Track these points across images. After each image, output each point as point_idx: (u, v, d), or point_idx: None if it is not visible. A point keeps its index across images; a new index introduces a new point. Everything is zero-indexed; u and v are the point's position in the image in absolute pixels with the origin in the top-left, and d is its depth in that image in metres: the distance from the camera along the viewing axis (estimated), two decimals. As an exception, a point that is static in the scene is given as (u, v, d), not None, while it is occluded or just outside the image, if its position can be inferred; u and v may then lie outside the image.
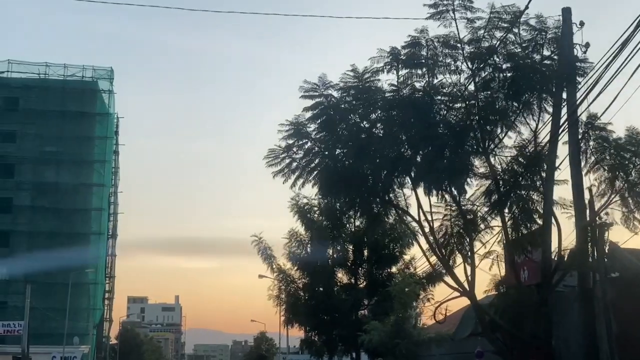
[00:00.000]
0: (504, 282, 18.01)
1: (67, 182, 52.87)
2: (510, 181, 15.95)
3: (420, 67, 15.78)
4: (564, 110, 15.60)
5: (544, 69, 15.49)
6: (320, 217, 30.51)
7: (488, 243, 17.09)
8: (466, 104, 16.03)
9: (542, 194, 15.90)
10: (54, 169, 53.38)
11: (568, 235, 15.72)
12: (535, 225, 16.02)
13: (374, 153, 15.96)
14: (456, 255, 17.03)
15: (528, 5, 14.95)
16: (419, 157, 16.15)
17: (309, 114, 16.54)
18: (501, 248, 17.12)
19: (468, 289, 16.57)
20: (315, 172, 16.79)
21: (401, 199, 18.23)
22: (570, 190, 15.40)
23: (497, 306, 17.29)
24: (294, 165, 16.91)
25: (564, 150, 15.64)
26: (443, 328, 22.10)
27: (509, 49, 15.56)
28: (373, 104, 16.11)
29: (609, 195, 15.74)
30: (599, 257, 14.76)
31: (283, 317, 34.52)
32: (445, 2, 15.31)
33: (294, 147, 16.85)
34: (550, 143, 15.83)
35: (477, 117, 15.87)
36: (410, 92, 15.93)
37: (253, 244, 30.83)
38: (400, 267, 29.56)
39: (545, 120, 15.89)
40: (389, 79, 16.03)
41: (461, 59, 15.69)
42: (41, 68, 55.56)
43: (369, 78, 16.08)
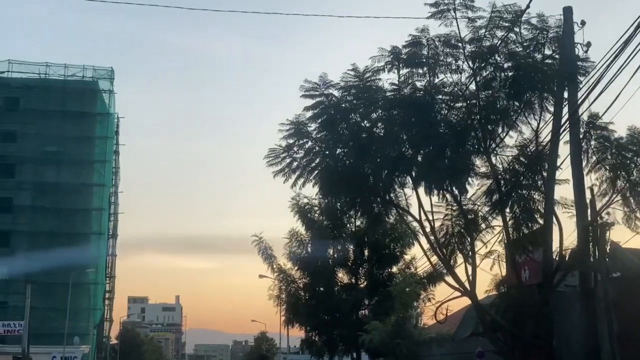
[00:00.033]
0: (505, 282, 17.98)
1: (68, 182, 52.84)
2: (512, 181, 15.91)
3: (421, 67, 15.74)
4: (566, 109, 15.56)
5: (545, 68, 15.45)
6: (321, 217, 30.49)
7: (489, 243, 17.09)
8: (467, 103, 15.99)
9: (544, 194, 15.86)
10: (54, 169, 53.35)
11: (569, 235, 15.71)
12: (536, 224, 15.99)
13: (374, 152, 15.93)
14: (457, 255, 17.01)
15: (529, 5, 14.94)
16: (420, 157, 16.11)
17: (310, 113, 16.51)
18: (502, 248, 17.11)
19: (469, 288, 16.54)
20: (315, 172, 16.76)
21: (402, 199, 18.21)
22: (572, 189, 15.38)
23: (498, 306, 17.27)
24: (295, 164, 16.88)
25: (565, 149, 15.62)
26: (444, 328, 22.06)
27: (510, 48, 15.52)
28: (374, 103, 16.08)
29: (610, 195, 15.71)
30: (600, 257, 14.73)
31: (283, 317, 34.51)
32: (446, 2, 15.28)
33: (294, 147, 16.83)
34: (551, 142, 15.79)
35: (478, 117, 15.83)
36: (411, 92, 15.89)
37: (253, 244, 30.82)
38: (401, 267, 29.53)
39: (547, 120, 15.87)
40: (389, 78, 16.03)
41: (462, 58, 15.66)
42: (41, 68, 55.59)
43: (370, 77, 16.04)
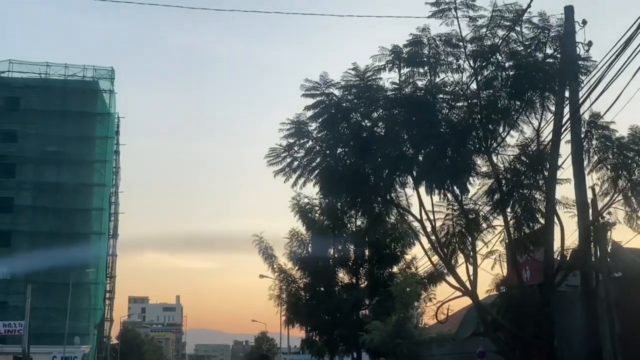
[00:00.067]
0: (505, 282, 17.95)
1: (68, 182, 52.80)
2: (513, 180, 15.88)
3: (422, 66, 15.70)
4: (567, 108, 15.52)
5: (546, 67, 15.40)
6: (322, 217, 30.45)
7: (490, 242, 17.06)
8: (468, 102, 15.95)
9: (545, 193, 15.82)
10: (54, 168, 53.29)
11: (571, 234, 15.67)
12: (537, 224, 15.95)
13: (375, 152, 15.88)
14: (458, 254, 16.99)
15: (530, 4, 14.89)
16: (421, 156, 16.06)
17: (310, 112, 16.48)
18: (503, 247, 17.07)
19: (470, 288, 16.50)
20: (316, 171, 16.72)
21: (403, 199, 18.18)
22: (573, 189, 15.33)
23: (499, 306, 17.25)
24: (295, 164, 16.85)
25: (566, 149, 15.58)
26: (445, 328, 22.02)
27: (511, 47, 15.48)
28: (375, 102, 16.03)
29: (611, 195, 15.66)
30: (602, 257, 14.69)
31: (284, 317, 34.48)
32: (447, 1, 15.23)
33: (295, 146, 16.80)
34: (552, 142, 15.76)
35: (480, 116, 15.78)
36: (412, 91, 15.85)
37: (254, 244, 30.78)
38: (402, 267, 29.47)
39: (548, 119, 15.83)
40: (390, 77, 16.00)
41: (463, 57, 15.62)
42: (42, 68, 55.49)
43: (371, 76, 16.01)
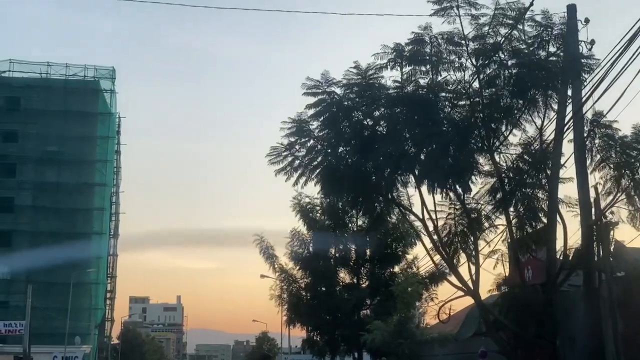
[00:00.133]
0: (508, 282, 17.88)
1: (69, 182, 52.75)
2: (515, 179, 15.81)
3: (424, 64, 15.64)
4: (570, 107, 15.46)
5: (549, 66, 15.34)
6: (323, 217, 30.33)
7: (492, 242, 16.99)
8: (471, 101, 15.89)
9: (547, 192, 15.75)
10: (55, 168, 53.21)
11: (573, 234, 15.62)
12: (540, 223, 15.88)
13: (377, 151, 15.81)
14: (460, 254, 16.92)
15: (533, 2, 14.85)
16: (423, 155, 15.99)
17: (312, 111, 16.42)
18: (505, 247, 17.01)
19: (472, 288, 16.43)
20: (317, 170, 16.66)
21: (404, 198, 18.12)
22: (576, 188, 15.26)
23: (502, 306, 17.18)
24: (297, 163, 16.78)
25: (569, 148, 15.52)
26: (446, 328, 21.95)
27: (514, 46, 15.42)
28: (376, 101, 15.97)
29: (614, 194, 15.61)
30: (605, 256, 14.62)
31: (285, 317, 34.34)
32: (449, -1, 15.17)
33: (296, 145, 16.73)
34: (555, 141, 15.70)
35: (482, 115, 15.73)
36: (414, 89, 15.79)
37: (255, 243, 30.68)
38: (403, 267, 29.37)
39: (551, 118, 15.77)
40: (392, 75, 15.94)
41: (465, 55, 15.57)
42: (43, 67, 55.40)
43: (373, 75, 15.95)
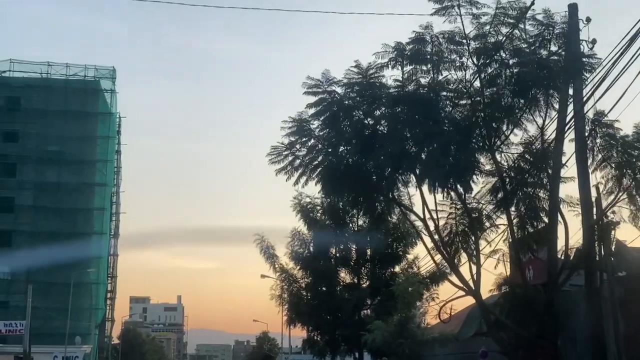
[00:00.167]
0: (509, 282, 17.82)
1: (69, 182, 52.76)
2: (517, 178, 15.77)
3: (425, 63, 15.60)
4: (571, 107, 15.42)
5: (551, 65, 15.30)
6: (323, 216, 30.30)
7: (493, 242, 16.95)
8: (472, 100, 15.85)
9: (549, 192, 15.72)
10: (56, 168, 53.23)
11: (575, 233, 15.57)
12: (541, 223, 15.84)
13: (378, 150, 15.76)
14: (461, 254, 16.88)
15: (534, 1, 14.82)
16: (424, 154, 15.95)
17: (312, 110, 16.35)
18: (507, 247, 16.96)
19: (473, 288, 16.39)
20: (318, 170, 16.60)
21: (405, 198, 18.07)
22: (577, 187, 15.22)
23: (503, 305, 17.13)
24: (297, 162, 16.72)
25: (570, 147, 15.49)
26: (447, 328, 21.92)
27: (515, 45, 15.38)
28: (377, 100, 15.92)
29: (616, 193, 15.55)
30: (606, 256, 14.59)
31: (285, 317, 34.32)
32: (450, -2, 15.13)
33: (297, 144, 16.67)
34: (556, 140, 15.68)
35: (483, 114, 15.69)
36: (415, 88, 15.75)
37: (255, 243, 30.65)
38: (404, 267, 29.33)
39: (552, 117, 15.74)
40: (393, 74, 15.90)
41: (467, 55, 15.52)
42: (43, 67, 55.42)
43: (374, 74, 15.90)
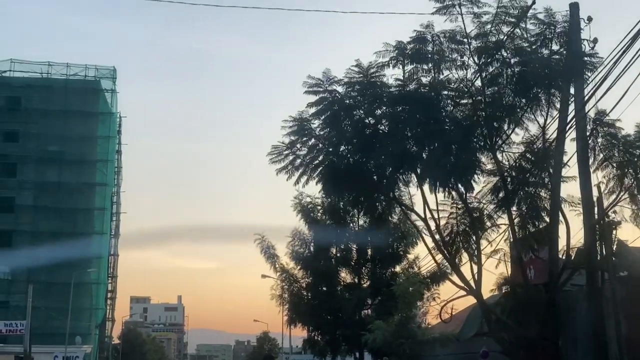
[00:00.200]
0: (510, 281, 17.79)
1: (70, 182, 52.74)
2: (518, 178, 15.73)
3: (426, 62, 15.56)
4: (572, 106, 15.38)
5: (552, 64, 15.26)
6: (324, 216, 30.27)
7: (494, 241, 16.91)
8: (473, 99, 15.82)
9: (550, 191, 15.68)
10: (56, 168, 53.21)
11: (576, 233, 15.53)
12: (542, 222, 15.81)
13: (378, 149, 15.73)
14: (462, 253, 16.83)
15: (535, 0, 14.80)
16: (425, 154, 15.92)
17: (313, 109, 16.30)
18: (508, 246, 16.93)
19: (474, 287, 16.35)
20: (319, 169, 16.56)
21: (406, 197, 18.04)
22: (578, 187, 15.19)
23: (504, 305, 17.09)
24: (298, 162, 16.67)
25: (572, 147, 15.44)
26: (448, 328, 21.86)
27: (516, 44, 15.34)
28: (378, 99, 15.88)
29: (617, 193, 15.53)
30: (608, 256, 14.55)
31: (286, 317, 34.29)
32: (451, -3, 15.08)
33: (297, 144, 16.62)
34: (557, 139, 15.64)
35: (484, 113, 15.66)
36: (416, 88, 15.72)
37: (256, 243, 30.63)
38: (405, 267, 29.30)
39: (554, 116, 15.70)
40: (394, 73, 15.86)
41: (468, 54, 15.49)
42: (44, 67, 55.38)
43: (374, 73, 15.85)
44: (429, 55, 15.53)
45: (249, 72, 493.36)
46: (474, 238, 16.46)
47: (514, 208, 15.85)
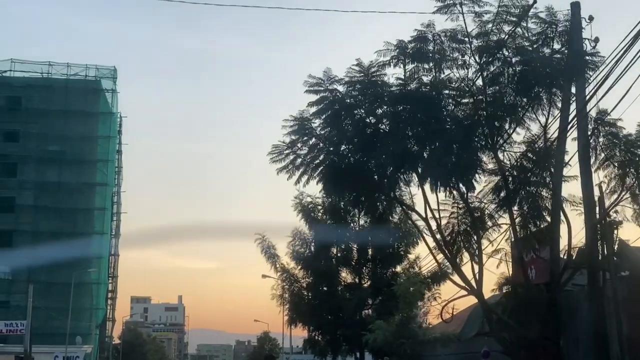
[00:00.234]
0: (511, 281, 17.76)
1: (70, 182, 52.79)
2: (520, 177, 15.71)
3: (427, 62, 15.53)
4: (574, 105, 15.35)
5: (553, 63, 15.22)
6: (324, 216, 30.26)
7: (496, 241, 16.88)
8: (474, 98, 15.78)
9: (551, 191, 15.65)
10: (56, 168, 53.26)
11: (577, 232, 15.50)
12: (544, 222, 15.77)
13: (379, 149, 15.69)
14: (463, 253, 16.80)
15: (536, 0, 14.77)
16: (426, 153, 15.88)
17: (314, 108, 16.26)
18: (509, 246, 16.90)
19: (475, 287, 16.33)
20: (319, 169, 16.53)
21: (407, 197, 17.99)
22: (580, 186, 15.16)
23: (505, 305, 17.07)
24: (299, 161, 16.65)
25: (573, 146, 15.42)
26: (449, 328, 21.84)
27: (518, 43, 15.30)
28: (379, 98, 15.84)
29: (619, 192, 15.50)
30: (609, 255, 14.52)
31: (286, 317, 34.28)
32: (453, -4, 15.05)
33: (298, 143, 16.59)
34: (558, 138, 15.61)
35: (485, 112, 15.62)
36: (417, 87, 15.69)
37: (256, 242, 30.61)
38: (405, 266, 29.28)
39: (555, 115, 15.66)
40: (395, 72, 15.82)
41: (469, 53, 15.45)
42: (44, 67, 55.50)
43: (375, 72, 15.82)
44: (430, 55, 15.50)
45: (249, 72, 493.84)
46: (475, 238, 16.43)
47: (515, 207, 15.82)
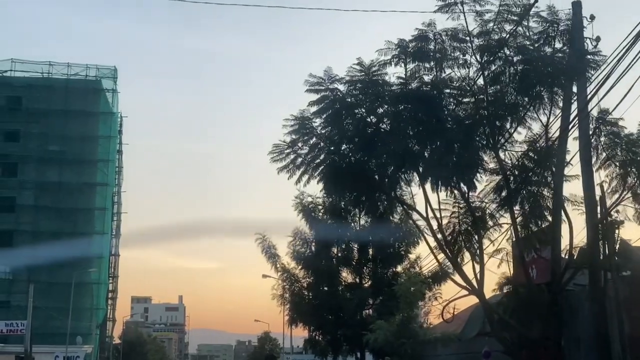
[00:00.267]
0: (512, 281, 17.74)
1: (71, 182, 52.76)
2: (521, 177, 15.67)
3: (428, 61, 15.50)
4: (575, 104, 15.31)
5: (555, 62, 15.18)
6: (325, 216, 30.23)
7: (497, 241, 16.85)
8: (475, 98, 15.75)
9: (553, 190, 15.62)
10: (57, 168, 53.24)
11: (579, 232, 15.46)
12: (545, 222, 15.74)
13: (380, 148, 15.67)
14: (464, 253, 16.78)
15: (537, -1, 14.74)
16: (427, 153, 15.86)
17: (315, 108, 16.24)
18: (510, 246, 16.86)
19: (476, 287, 16.29)
20: (320, 168, 16.50)
21: (407, 196, 17.97)
22: (581, 186, 15.11)
23: (506, 305, 17.04)
24: (299, 160, 16.62)
25: (575, 145, 15.38)
26: (450, 328, 21.79)
27: (519, 42, 15.27)
28: (380, 97, 15.81)
29: (620, 192, 15.47)
30: (610, 255, 14.49)
31: (287, 317, 34.24)
32: (454, -5, 15.02)
33: (298, 142, 16.57)
34: (560, 138, 15.57)
35: (487, 112, 15.59)
36: (418, 86, 15.65)
37: (257, 242, 30.58)
38: (406, 266, 29.24)
39: (557, 115, 15.62)
40: (396, 72, 15.79)
41: (470, 52, 15.43)
42: (44, 67, 55.47)
43: (376, 71, 15.78)
44: (431, 54, 15.47)
45: (249, 72, 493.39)
46: (476, 237, 16.40)
47: (517, 207, 15.78)
